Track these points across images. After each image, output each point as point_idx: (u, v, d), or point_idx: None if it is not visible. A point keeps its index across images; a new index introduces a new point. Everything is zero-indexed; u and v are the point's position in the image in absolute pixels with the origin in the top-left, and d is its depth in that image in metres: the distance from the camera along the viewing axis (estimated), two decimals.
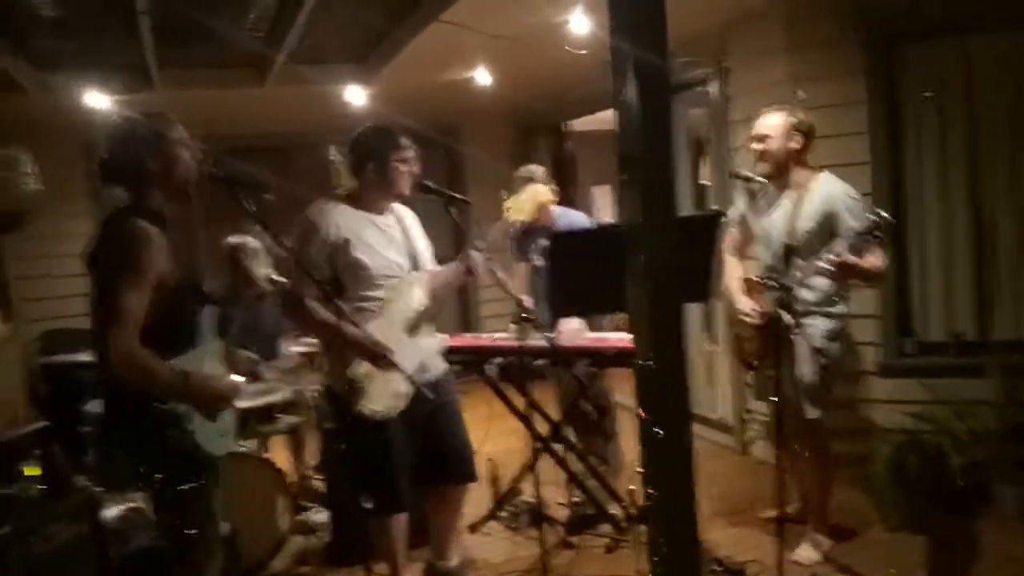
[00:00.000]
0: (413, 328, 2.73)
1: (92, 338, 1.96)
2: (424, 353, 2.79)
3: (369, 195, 2.74)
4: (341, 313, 2.26)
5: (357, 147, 2.75)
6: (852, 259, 2.76)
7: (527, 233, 3.86)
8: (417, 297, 2.76)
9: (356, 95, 4.92)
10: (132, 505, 2.76)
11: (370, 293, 2.66)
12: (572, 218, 3.88)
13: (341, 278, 2.62)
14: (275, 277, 2.76)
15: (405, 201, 2.92)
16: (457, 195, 2.72)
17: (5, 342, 4.57)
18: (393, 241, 2.75)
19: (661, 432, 2.02)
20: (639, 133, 1.98)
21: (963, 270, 3.85)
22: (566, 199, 4.18)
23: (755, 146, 3.12)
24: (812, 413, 3.07)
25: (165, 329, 2.03)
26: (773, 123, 3.07)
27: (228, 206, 2.23)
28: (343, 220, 2.67)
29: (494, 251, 2.85)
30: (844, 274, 2.87)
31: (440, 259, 2.94)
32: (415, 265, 2.79)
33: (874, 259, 2.86)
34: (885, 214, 2.71)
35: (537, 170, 3.91)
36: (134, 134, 2.10)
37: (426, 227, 3.01)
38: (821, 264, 2.81)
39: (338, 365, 2.53)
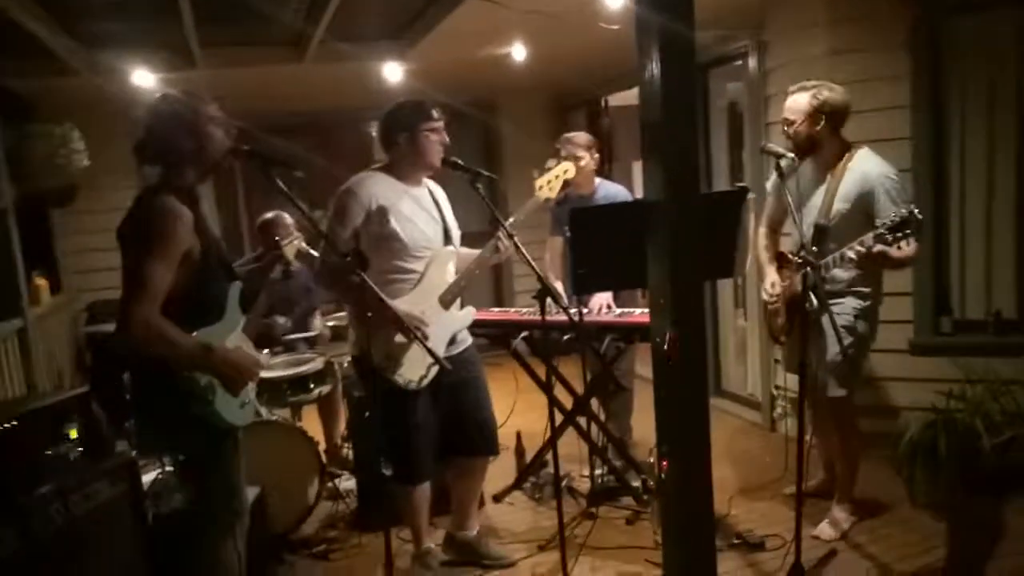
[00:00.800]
0: (446, 301, 2.79)
1: (117, 309, 2.03)
2: (455, 327, 2.86)
3: (402, 167, 2.79)
4: (366, 285, 2.32)
5: (388, 120, 2.80)
6: (879, 248, 2.71)
7: (563, 204, 3.88)
8: (450, 271, 2.83)
9: (393, 72, 4.97)
10: (167, 468, 2.89)
11: (405, 264, 2.73)
12: (612, 190, 3.86)
13: (374, 248, 2.67)
14: (306, 250, 2.84)
15: (435, 178, 2.97)
16: (483, 171, 2.74)
17: (53, 312, 4.79)
18: (427, 214, 2.81)
19: (677, 409, 2.06)
20: (662, 108, 1.99)
21: (1004, 247, 3.76)
22: (603, 174, 4.13)
23: (784, 128, 3.09)
24: (836, 391, 3.06)
25: (191, 303, 2.09)
26: (797, 106, 3.01)
27: (264, 182, 2.27)
28: (380, 190, 2.73)
29: (524, 226, 2.87)
30: (872, 264, 2.83)
31: (471, 235, 2.99)
32: (448, 239, 2.85)
33: (906, 248, 2.78)
34: (916, 210, 2.63)
35: (580, 136, 3.87)
36: (168, 113, 2.15)
37: (458, 203, 3.05)
38: (849, 254, 2.78)
39: (373, 335, 2.60)
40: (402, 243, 2.70)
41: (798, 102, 3.02)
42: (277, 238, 3.16)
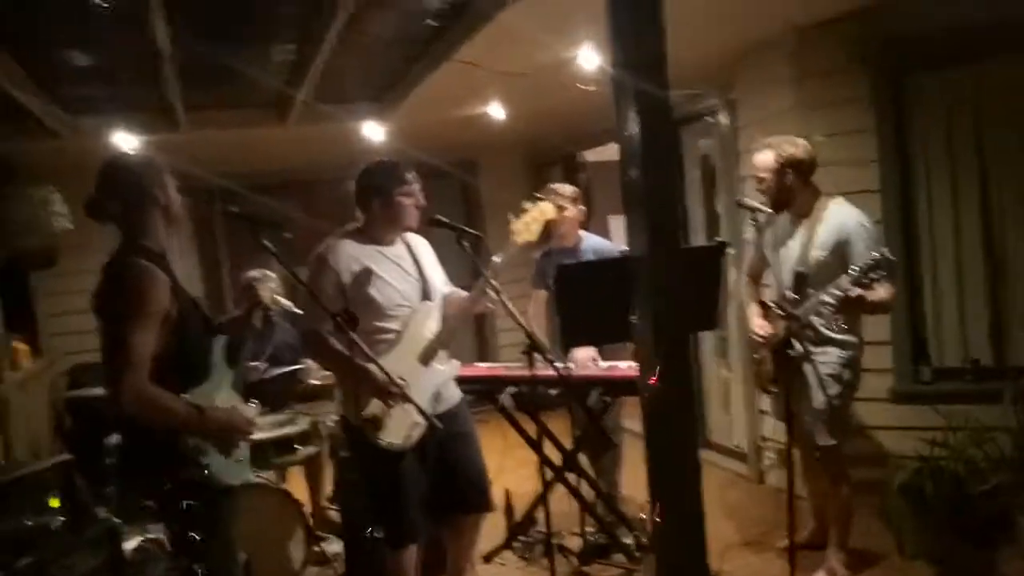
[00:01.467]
0: (427, 357, 2.77)
1: (104, 379, 2.00)
2: (438, 381, 2.83)
3: (376, 228, 2.81)
4: (355, 346, 2.32)
5: (362, 182, 2.83)
6: (856, 293, 2.79)
7: (548, 257, 3.91)
8: (430, 327, 2.81)
9: (375, 131, 5.05)
10: (150, 536, 2.81)
11: (383, 324, 2.72)
12: (597, 243, 3.89)
13: (354, 311, 2.68)
14: (283, 301, 2.83)
15: (421, 233, 3.00)
16: (468, 229, 2.77)
17: (33, 377, 4.71)
18: (403, 272, 2.82)
19: (668, 462, 2.06)
20: (641, 165, 2.05)
21: (977, 296, 3.84)
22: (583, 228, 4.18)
23: (755, 186, 3.20)
24: (825, 440, 3.08)
25: (175, 364, 2.07)
26: (764, 163, 3.13)
27: (248, 242, 2.28)
28: (353, 254, 2.74)
29: (509, 279, 2.89)
30: (849, 308, 2.89)
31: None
32: (426, 295, 2.85)
33: (882, 292, 2.89)
34: (887, 252, 2.73)
35: (565, 188, 3.89)
36: (122, 171, 2.17)
37: (445, 261, 3.07)
38: (826, 299, 2.84)
39: (353, 398, 2.58)
40: (377, 304, 2.70)
41: (765, 160, 3.13)
42: (255, 286, 3.14)
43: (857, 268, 2.77)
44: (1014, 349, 3.78)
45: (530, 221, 2.95)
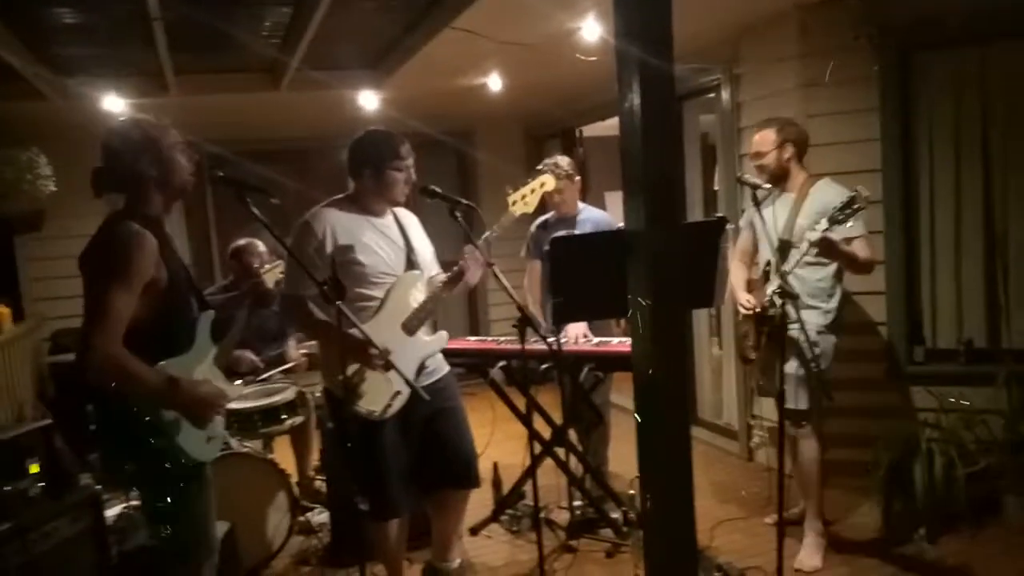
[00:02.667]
0: (411, 327, 2.73)
1: (77, 338, 1.95)
2: (424, 352, 2.79)
3: (366, 198, 2.77)
4: (341, 314, 2.28)
5: (355, 151, 2.77)
6: (835, 236, 2.83)
7: (545, 228, 3.87)
8: (415, 296, 2.76)
9: (369, 100, 4.98)
10: (133, 503, 2.79)
11: (367, 291, 2.68)
12: (595, 215, 3.86)
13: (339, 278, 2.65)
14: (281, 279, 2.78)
15: (413, 205, 2.95)
16: (461, 199, 2.71)
17: (15, 341, 4.65)
18: (390, 241, 2.78)
19: (659, 438, 2.04)
20: (642, 139, 2.00)
21: (974, 278, 3.83)
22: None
23: (753, 162, 3.28)
24: (802, 403, 3.10)
25: (158, 333, 2.03)
26: (766, 139, 3.26)
27: (236, 209, 2.23)
28: (338, 221, 2.69)
29: (504, 251, 2.85)
30: (829, 254, 2.92)
31: (448, 264, 2.95)
32: (412, 265, 2.80)
33: (859, 248, 2.99)
34: (863, 190, 2.76)
35: (563, 160, 3.84)
36: (130, 139, 2.10)
37: (438, 232, 3.03)
38: (809, 235, 2.87)
39: (334, 366, 2.55)
40: (360, 271, 2.66)
41: (766, 136, 3.26)
42: (257, 265, 3.10)
43: (834, 208, 2.81)
44: (1008, 331, 3.77)
45: (527, 193, 2.91)
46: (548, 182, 2.98)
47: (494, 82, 4.89)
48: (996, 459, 3.40)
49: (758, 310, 3.16)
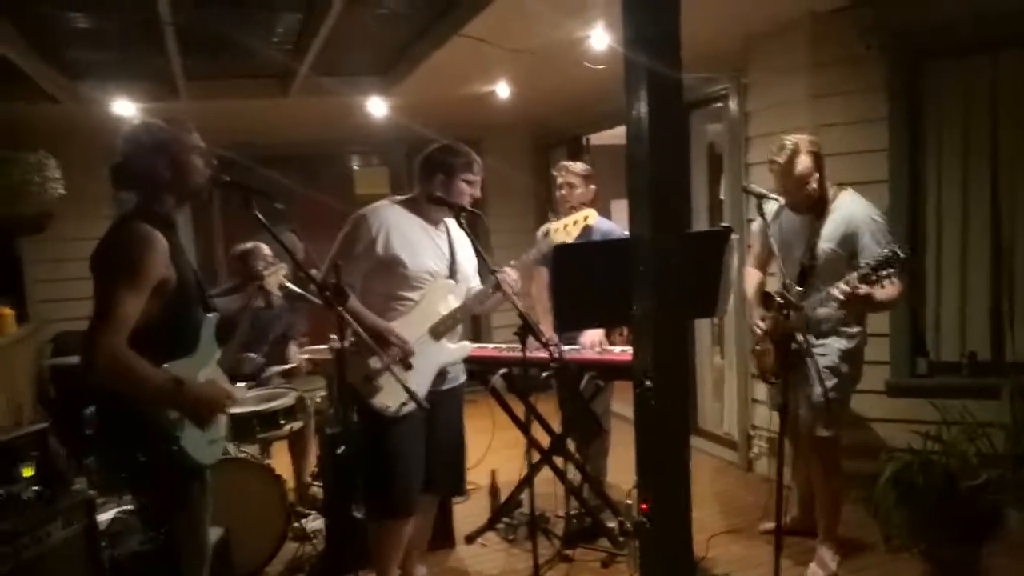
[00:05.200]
0: (438, 332, 2.77)
1: (83, 338, 1.94)
2: (446, 359, 2.83)
3: (426, 205, 2.81)
4: (342, 320, 2.29)
5: (432, 157, 2.82)
6: (864, 290, 2.75)
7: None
8: (447, 303, 2.81)
9: (378, 107, 5.00)
10: (127, 508, 2.78)
11: (406, 294, 2.73)
12: (606, 226, 3.86)
13: (379, 272, 2.69)
14: (288, 285, 2.80)
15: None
16: (467, 207, 2.75)
17: (17, 343, 4.67)
18: (438, 249, 2.82)
19: (659, 449, 2.04)
20: (649, 147, 2.00)
21: (979, 290, 3.82)
22: None
23: (792, 196, 3.05)
24: (823, 432, 3.07)
25: (164, 334, 2.03)
26: (806, 166, 2.99)
27: (243, 213, 2.24)
28: (395, 221, 2.75)
29: (509, 257, 2.87)
30: (855, 305, 2.85)
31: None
32: (452, 275, 2.84)
33: (890, 289, 2.83)
34: (899, 249, 2.69)
35: (577, 165, 3.87)
36: (148, 139, 2.11)
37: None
38: (834, 292, 2.81)
39: (353, 358, 2.57)
40: (405, 269, 2.70)
41: (804, 163, 2.99)
42: (261, 268, 3.12)
43: (867, 264, 2.72)
44: (1013, 344, 3.76)
45: (569, 223, 2.92)
46: (591, 216, 3.01)
47: (502, 90, 4.91)
48: (999, 472, 3.38)
49: (774, 333, 3.07)
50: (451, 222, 2.90)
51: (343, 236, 2.72)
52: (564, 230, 2.91)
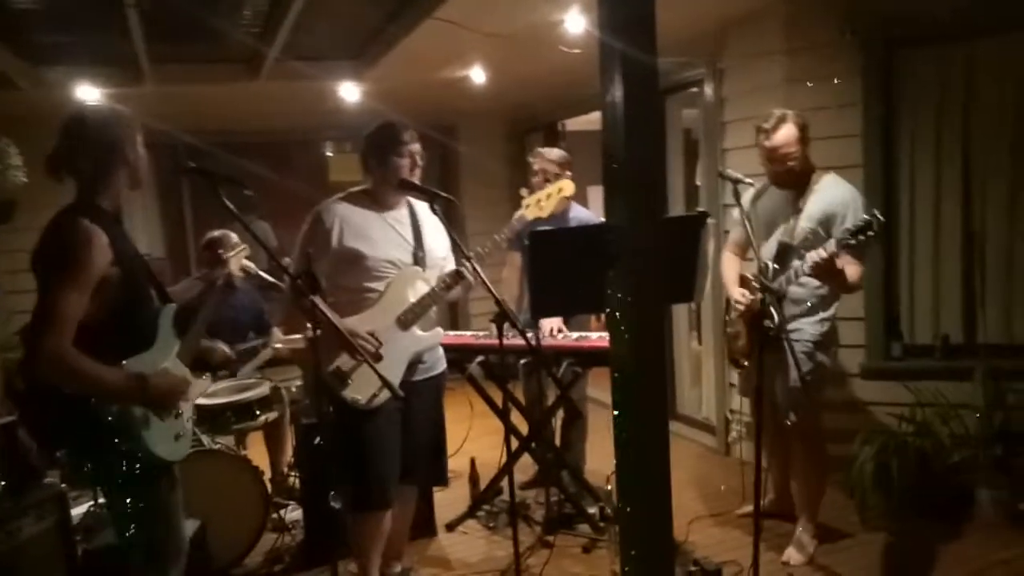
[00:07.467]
0: (406, 321, 2.72)
1: (24, 340, 1.86)
2: (417, 347, 2.78)
3: (378, 190, 2.77)
4: (315, 307, 2.25)
5: (363, 145, 2.79)
6: (839, 261, 2.76)
7: (532, 223, 3.84)
8: (414, 290, 2.75)
9: (350, 92, 4.92)
10: (100, 500, 2.72)
11: (371, 284, 2.69)
12: (583, 214, 3.83)
13: (340, 266, 2.66)
14: (251, 266, 2.75)
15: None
16: (440, 192, 2.70)
17: None
18: (399, 235, 2.77)
19: (637, 434, 2.03)
20: (624, 133, 1.98)
21: (952, 273, 3.85)
22: None
23: (775, 166, 3.06)
24: (801, 417, 3.08)
25: (116, 330, 1.96)
26: (790, 136, 3.00)
27: (212, 201, 2.17)
28: (348, 215, 2.71)
29: (483, 243, 2.82)
30: (825, 274, 2.86)
31: None
32: (416, 261, 2.78)
33: (852, 268, 2.87)
34: (878, 213, 2.71)
35: (553, 152, 3.82)
36: (87, 126, 2.03)
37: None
38: (811, 256, 2.81)
39: (323, 352, 2.53)
40: (365, 260, 2.67)
41: (789, 133, 3.00)
42: (221, 251, 3.05)
43: (847, 229, 2.74)
44: (985, 327, 3.80)
45: (543, 197, 2.86)
46: (567, 187, 2.93)
47: (477, 75, 4.85)
48: (971, 453, 3.43)
49: (749, 311, 3.08)
50: (420, 207, 2.85)
51: (302, 234, 2.70)
52: (537, 205, 2.85)
